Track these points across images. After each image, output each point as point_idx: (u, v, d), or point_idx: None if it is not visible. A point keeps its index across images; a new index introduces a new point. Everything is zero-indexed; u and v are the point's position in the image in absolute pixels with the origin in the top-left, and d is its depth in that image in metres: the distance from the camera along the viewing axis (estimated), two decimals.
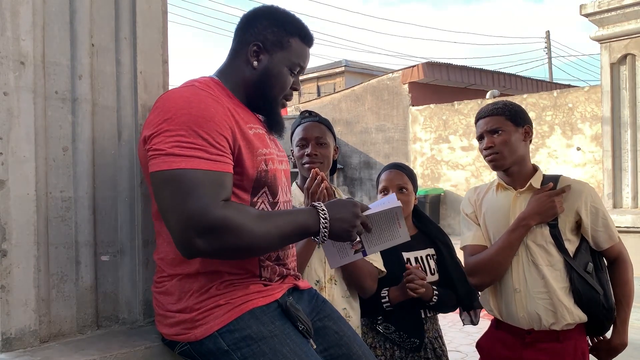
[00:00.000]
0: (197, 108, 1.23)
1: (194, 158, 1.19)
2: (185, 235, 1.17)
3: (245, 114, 1.39)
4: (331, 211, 1.32)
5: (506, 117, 2.00)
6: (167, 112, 1.23)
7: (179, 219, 1.18)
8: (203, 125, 1.22)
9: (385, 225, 1.44)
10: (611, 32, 6.56)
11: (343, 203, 1.37)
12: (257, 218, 1.24)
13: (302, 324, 1.33)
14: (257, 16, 1.45)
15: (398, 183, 2.19)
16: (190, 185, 1.18)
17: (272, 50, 1.43)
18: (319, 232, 1.31)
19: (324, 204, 1.34)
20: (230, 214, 1.19)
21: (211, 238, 1.17)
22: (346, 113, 14.24)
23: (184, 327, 1.30)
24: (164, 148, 1.20)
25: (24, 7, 1.31)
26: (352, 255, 1.46)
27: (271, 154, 1.39)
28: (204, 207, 1.17)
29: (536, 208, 1.93)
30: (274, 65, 1.43)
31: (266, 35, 1.42)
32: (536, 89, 15.82)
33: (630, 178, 6.50)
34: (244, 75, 1.44)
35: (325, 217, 1.30)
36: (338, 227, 1.32)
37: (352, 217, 1.34)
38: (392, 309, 2.07)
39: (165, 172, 1.20)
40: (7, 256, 1.28)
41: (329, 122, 2.09)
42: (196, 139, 1.20)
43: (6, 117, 1.28)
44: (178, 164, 1.19)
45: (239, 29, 1.46)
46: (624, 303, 1.98)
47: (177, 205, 1.18)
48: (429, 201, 11.74)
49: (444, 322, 2.51)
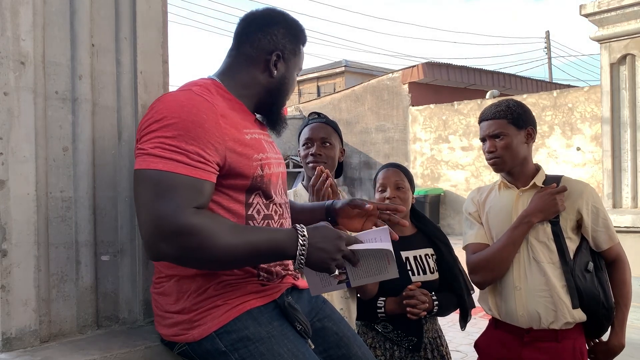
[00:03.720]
0: (188, 113, 1.23)
1: (173, 161, 1.19)
2: (151, 237, 1.17)
3: (242, 119, 1.37)
4: (312, 238, 1.26)
5: (508, 120, 2.00)
6: (159, 114, 1.24)
7: (147, 219, 1.17)
8: (191, 131, 1.21)
9: (374, 261, 1.35)
10: (611, 32, 6.55)
11: (326, 233, 1.29)
12: (229, 230, 1.20)
13: (300, 324, 1.32)
14: (272, 23, 1.45)
15: (395, 180, 2.20)
16: (164, 187, 1.17)
17: (288, 59, 1.46)
18: (295, 257, 1.25)
19: (307, 228, 1.28)
20: (199, 221, 1.17)
21: (175, 243, 1.16)
22: (346, 113, 14.24)
23: (182, 327, 1.30)
24: (146, 148, 1.21)
25: (24, 7, 1.32)
26: (336, 285, 1.38)
27: (268, 159, 1.38)
28: (174, 210, 1.16)
29: (539, 205, 1.94)
30: (290, 74, 1.48)
31: (285, 44, 1.45)
32: (536, 89, 15.83)
33: (630, 178, 6.50)
34: (260, 82, 1.44)
35: (304, 243, 1.24)
36: (316, 257, 1.26)
37: (333, 250, 1.27)
38: (386, 318, 2.08)
39: (143, 171, 1.20)
40: (7, 256, 1.28)
41: (336, 124, 2.11)
42: (180, 142, 1.20)
43: (6, 117, 1.28)
44: (156, 165, 1.19)
45: (249, 33, 1.45)
46: (621, 304, 1.99)
47: (148, 205, 1.17)
48: (429, 201, 11.73)
49: (443, 322, 2.51)
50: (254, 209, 1.35)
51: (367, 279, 1.38)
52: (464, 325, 2.23)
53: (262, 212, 1.37)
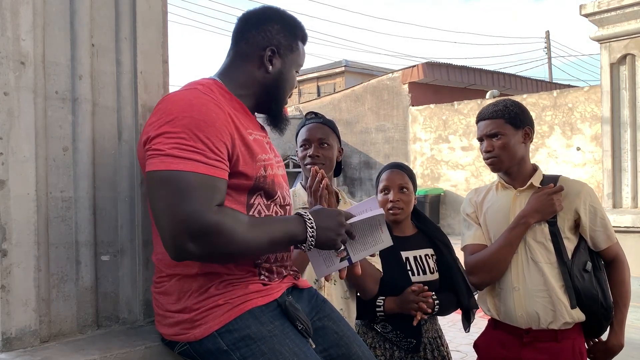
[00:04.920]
0: (198, 112, 1.24)
1: (192, 161, 1.20)
2: (177, 238, 1.17)
3: (244, 119, 1.38)
4: (317, 220, 1.33)
5: (506, 120, 2.00)
6: (170, 114, 1.24)
7: (171, 221, 1.18)
8: (204, 130, 1.22)
9: (369, 231, 1.45)
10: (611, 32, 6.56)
11: (328, 212, 1.38)
12: (248, 224, 1.24)
13: (301, 324, 1.33)
14: (267, 19, 1.45)
15: (399, 183, 2.19)
16: (186, 188, 1.18)
17: (284, 55, 1.46)
18: (306, 240, 1.32)
19: (310, 212, 1.35)
20: (223, 219, 1.19)
21: (203, 242, 1.17)
22: (346, 113, 14.25)
23: (183, 327, 1.30)
24: (163, 148, 1.21)
25: (24, 7, 1.32)
26: (338, 263, 1.46)
27: (270, 160, 1.39)
28: (198, 210, 1.17)
29: (536, 206, 1.94)
30: (286, 70, 1.47)
31: (279, 39, 1.44)
32: (536, 89, 15.83)
33: (630, 178, 6.50)
34: (256, 79, 1.44)
35: (312, 225, 1.32)
36: (324, 236, 1.33)
37: (337, 226, 1.35)
38: (385, 318, 2.08)
39: (161, 172, 1.20)
40: (7, 256, 1.28)
41: (334, 124, 2.10)
42: (196, 142, 1.21)
43: (6, 117, 1.28)
44: (176, 165, 1.19)
45: (245, 31, 1.45)
46: (620, 304, 1.99)
47: (171, 207, 1.18)
48: (429, 201, 11.73)
49: (443, 322, 2.51)
50: (255, 209, 1.36)
51: (366, 252, 1.48)
52: (467, 326, 2.23)
53: (263, 213, 1.38)
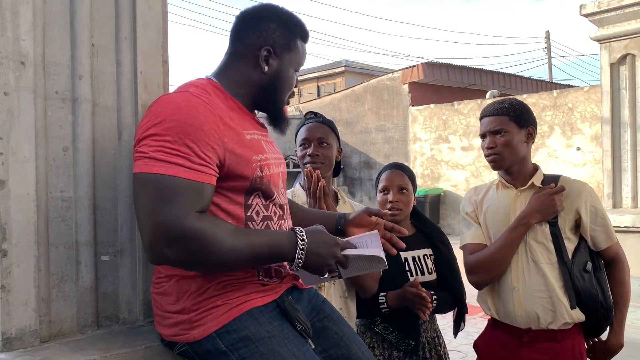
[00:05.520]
0: (186, 115, 1.22)
1: (175, 165, 1.18)
2: (154, 242, 1.16)
3: (241, 119, 1.37)
4: (311, 243, 1.30)
5: (510, 117, 2.00)
6: (157, 117, 1.23)
7: (150, 224, 1.17)
8: (191, 134, 1.21)
9: (365, 262, 1.43)
10: (611, 32, 6.56)
11: (325, 239, 1.33)
12: (231, 234, 1.22)
13: (300, 324, 1.33)
14: (263, 18, 1.42)
15: (399, 183, 2.19)
16: (167, 192, 1.17)
17: (281, 54, 1.42)
18: (294, 260, 1.29)
19: (306, 232, 1.31)
20: (203, 226, 1.17)
21: (180, 247, 1.16)
22: (346, 113, 14.24)
23: (183, 327, 1.30)
24: (147, 151, 1.20)
25: (24, 7, 1.32)
26: (328, 277, 1.44)
27: (267, 160, 1.37)
28: (177, 215, 1.16)
29: (537, 206, 1.93)
30: (283, 69, 1.44)
31: (275, 39, 1.41)
32: (536, 89, 15.82)
33: (630, 178, 6.51)
34: (252, 79, 1.42)
35: (303, 247, 1.28)
36: (312, 262, 1.30)
37: (329, 257, 1.32)
38: (390, 313, 2.08)
39: (144, 175, 1.19)
40: (7, 256, 1.28)
41: (333, 124, 2.10)
42: (181, 146, 1.20)
43: (6, 117, 1.28)
44: (157, 169, 1.18)
45: (241, 30, 1.43)
46: (620, 304, 1.99)
47: (151, 210, 1.17)
48: (429, 201, 11.73)
49: (443, 322, 2.51)
50: (253, 210, 1.35)
51: (358, 273, 1.48)
52: (456, 332, 2.23)
53: (262, 213, 1.37)
